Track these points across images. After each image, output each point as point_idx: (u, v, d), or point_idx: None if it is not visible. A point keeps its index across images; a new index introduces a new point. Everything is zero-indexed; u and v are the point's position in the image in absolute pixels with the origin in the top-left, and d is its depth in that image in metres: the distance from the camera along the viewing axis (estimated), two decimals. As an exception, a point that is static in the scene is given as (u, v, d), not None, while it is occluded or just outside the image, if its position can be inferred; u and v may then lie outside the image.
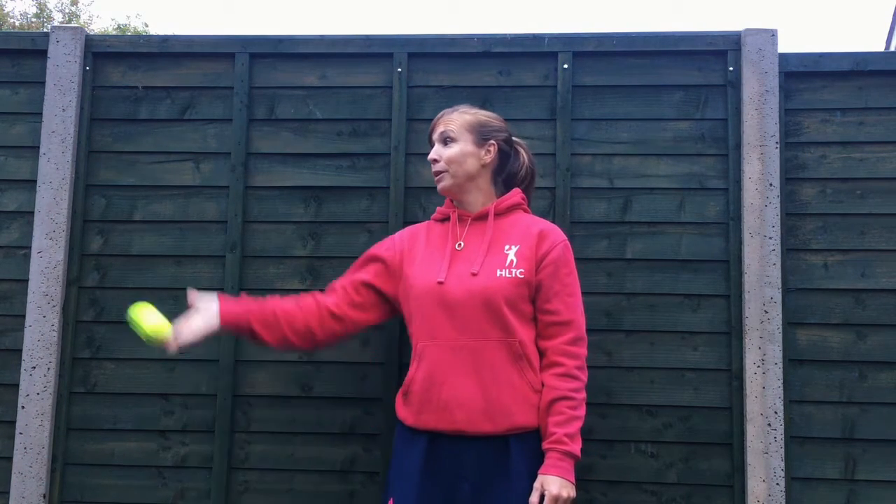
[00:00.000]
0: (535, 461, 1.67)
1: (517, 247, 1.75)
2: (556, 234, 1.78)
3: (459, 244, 1.79)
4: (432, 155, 1.84)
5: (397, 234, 1.93)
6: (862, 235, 2.10)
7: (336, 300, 1.85)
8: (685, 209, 2.13)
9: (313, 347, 1.91)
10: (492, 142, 1.82)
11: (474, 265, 1.73)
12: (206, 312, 1.79)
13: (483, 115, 1.86)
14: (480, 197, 1.83)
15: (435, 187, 1.85)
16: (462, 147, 1.80)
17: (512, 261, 1.73)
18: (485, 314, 1.69)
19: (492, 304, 1.69)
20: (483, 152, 1.81)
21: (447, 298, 1.71)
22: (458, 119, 1.82)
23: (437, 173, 1.83)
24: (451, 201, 1.87)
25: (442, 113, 1.86)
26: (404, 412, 1.77)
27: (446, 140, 1.82)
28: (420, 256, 1.81)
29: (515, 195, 1.84)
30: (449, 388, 1.69)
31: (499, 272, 1.71)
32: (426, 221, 1.93)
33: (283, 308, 1.83)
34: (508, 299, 1.70)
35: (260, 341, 1.83)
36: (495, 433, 1.67)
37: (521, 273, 1.71)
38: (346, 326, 1.86)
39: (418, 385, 1.73)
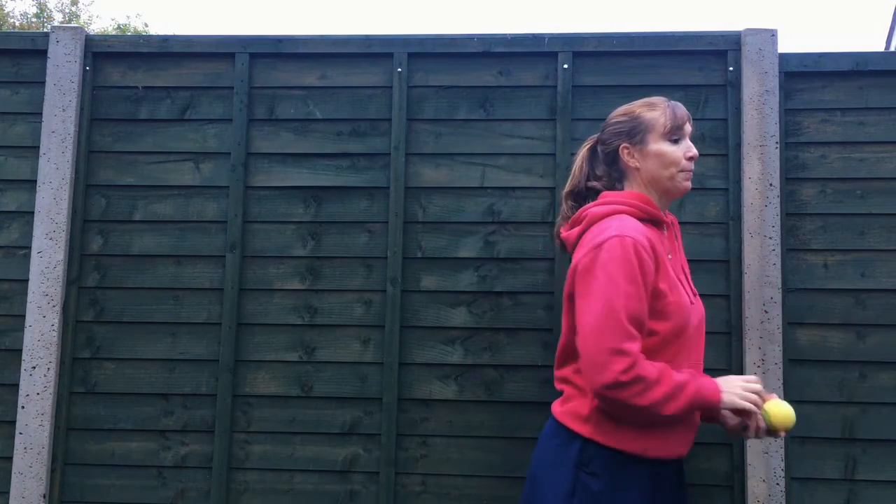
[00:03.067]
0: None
1: (687, 268, 1.75)
2: None
3: (669, 255, 1.66)
4: (696, 152, 1.68)
5: (642, 242, 1.55)
6: (862, 235, 2.10)
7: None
8: (685, 209, 2.13)
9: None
10: None
11: (691, 286, 1.69)
12: None
13: None
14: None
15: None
16: None
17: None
18: (703, 338, 1.69)
19: (704, 330, 1.69)
20: None
21: (694, 320, 1.62)
22: None
23: (690, 171, 1.68)
24: (659, 207, 1.69)
25: (684, 109, 1.70)
26: (625, 438, 1.56)
27: (692, 141, 1.72)
28: (664, 269, 1.59)
29: None
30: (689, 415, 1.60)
31: (697, 296, 1.71)
32: (632, 220, 1.61)
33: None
34: None
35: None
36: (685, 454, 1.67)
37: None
38: None
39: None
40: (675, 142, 1.66)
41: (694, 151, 1.67)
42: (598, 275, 1.52)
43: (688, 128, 1.68)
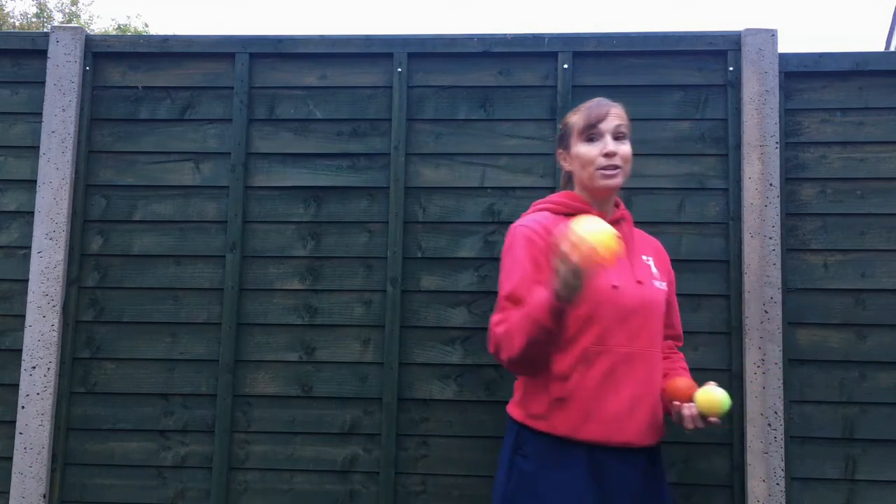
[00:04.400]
0: (663, 470, 1.72)
1: (652, 258, 1.75)
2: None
3: None
4: (612, 148, 1.65)
5: (532, 227, 1.66)
6: (862, 235, 2.10)
7: None
8: (685, 209, 2.13)
9: (542, 363, 1.63)
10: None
11: (635, 273, 1.67)
12: None
13: None
14: (612, 201, 1.74)
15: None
16: (629, 147, 1.69)
17: (656, 273, 1.73)
18: (652, 324, 1.67)
19: (657, 315, 1.69)
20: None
21: (623, 305, 1.61)
22: (625, 116, 1.71)
23: (613, 168, 1.66)
24: (589, 201, 1.71)
25: (607, 103, 1.70)
26: (558, 421, 1.60)
27: (619, 136, 1.68)
28: None
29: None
30: (622, 398, 1.59)
31: (655, 283, 1.70)
32: (543, 213, 1.71)
33: None
34: (663, 311, 1.72)
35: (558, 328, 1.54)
36: (650, 445, 1.66)
37: (665, 286, 1.73)
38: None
39: (587, 392, 1.59)
40: (592, 140, 1.68)
41: (610, 148, 1.65)
42: (501, 265, 1.68)
43: (607, 125, 1.67)
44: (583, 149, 1.68)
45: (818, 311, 2.08)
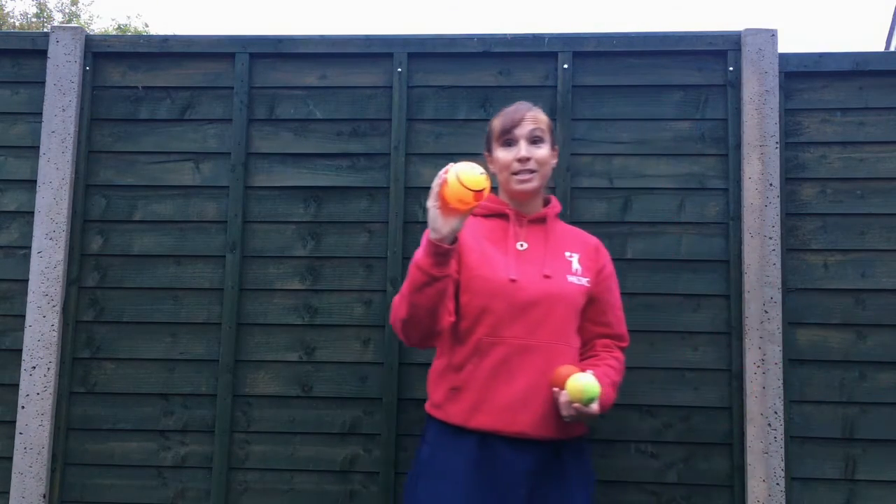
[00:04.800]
0: (580, 467, 1.69)
1: (577, 255, 1.75)
2: (605, 248, 1.83)
3: (521, 244, 1.72)
4: (524, 153, 1.69)
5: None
6: (862, 235, 2.10)
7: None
8: (685, 209, 2.13)
9: (430, 336, 1.65)
10: (556, 147, 1.79)
11: (545, 267, 1.69)
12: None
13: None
14: (538, 201, 1.78)
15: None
16: (547, 149, 1.73)
17: (577, 269, 1.72)
18: (556, 318, 1.66)
19: (565, 309, 1.68)
20: (553, 157, 1.77)
21: (520, 298, 1.64)
22: (543, 119, 1.75)
23: (527, 172, 1.71)
24: (508, 201, 1.77)
25: (524, 108, 1.74)
26: (453, 410, 1.65)
27: (534, 139, 1.72)
28: (478, 249, 1.70)
29: (558, 203, 1.83)
30: (516, 389, 1.62)
31: (569, 277, 1.70)
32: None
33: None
34: (577, 306, 1.70)
35: (439, 288, 1.57)
36: (552, 438, 1.64)
37: (587, 282, 1.72)
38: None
39: (478, 383, 1.63)
40: (508, 145, 1.73)
41: (523, 153, 1.69)
42: None
43: (521, 130, 1.71)
44: (500, 153, 1.74)
45: (818, 311, 2.08)
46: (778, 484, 2.01)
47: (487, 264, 1.68)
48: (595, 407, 1.56)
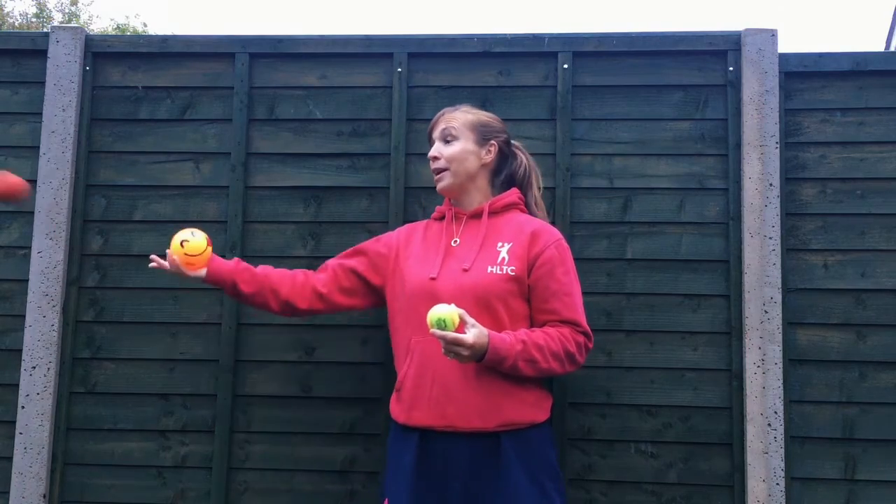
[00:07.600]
0: (527, 458, 1.67)
1: (510, 244, 1.75)
2: (550, 233, 1.77)
3: (455, 241, 1.80)
4: (433, 153, 1.84)
5: (395, 232, 1.95)
6: (862, 235, 2.10)
7: (325, 280, 1.89)
8: (685, 209, 2.13)
9: (292, 316, 1.94)
10: (492, 142, 1.84)
11: (466, 261, 1.74)
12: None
13: (484, 115, 1.87)
14: (478, 196, 1.84)
15: (434, 187, 1.85)
16: (464, 145, 1.81)
17: (504, 258, 1.73)
18: (475, 310, 1.67)
19: (482, 301, 1.69)
20: (484, 152, 1.83)
21: (437, 294, 1.70)
22: (460, 117, 1.84)
23: (438, 171, 1.83)
24: (450, 201, 1.88)
25: (443, 111, 1.88)
26: (396, 410, 1.77)
27: (447, 138, 1.82)
28: (416, 253, 1.83)
29: (512, 194, 1.85)
30: (440, 384, 1.68)
31: (489, 269, 1.72)
32: (426, 220, 1.95)
33: (271, 274, 1.88)
34: (498, 296, 1.70)
35: (244, 298, 1.88)
36: (486, 429, 1.67)
37: (511, 270, 1.71)
38: (330, 306, 1.90)
39: (410, 381, 1.73)
40: (432, 146, 1.86)
41: (431, 153, 1.84)
42: None
43: (437, 132, 1.84)
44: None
45: (818, 311, 2.08)
46: (778, 484, 2.01)
47: (417, 267, 1.78)
48: (455, 334, 1.54)
